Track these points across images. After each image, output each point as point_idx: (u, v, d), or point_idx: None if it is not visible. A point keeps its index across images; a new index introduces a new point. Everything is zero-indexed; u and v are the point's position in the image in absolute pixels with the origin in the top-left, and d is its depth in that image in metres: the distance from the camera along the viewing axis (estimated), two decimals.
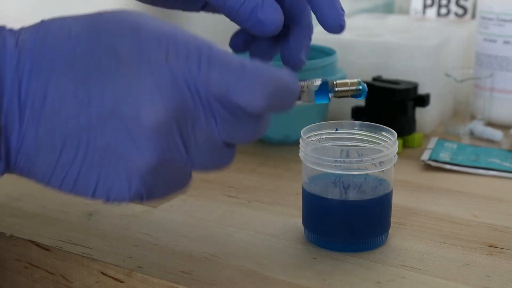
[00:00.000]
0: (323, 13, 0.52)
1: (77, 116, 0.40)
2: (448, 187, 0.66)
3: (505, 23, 0.80)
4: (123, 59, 0.40)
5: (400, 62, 0.80)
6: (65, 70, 0.39)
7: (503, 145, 0.77)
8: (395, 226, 0.56)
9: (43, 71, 0.39)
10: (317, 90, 0.48)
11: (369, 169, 0.52)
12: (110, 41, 0.40)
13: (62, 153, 0.40)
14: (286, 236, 0.56)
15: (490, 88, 0.82)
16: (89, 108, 0.40)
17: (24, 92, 0.39)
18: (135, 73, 0.40)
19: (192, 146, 0.43)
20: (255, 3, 0.48)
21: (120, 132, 0.40)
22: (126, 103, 0.40)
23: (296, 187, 0.58)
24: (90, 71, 0.40)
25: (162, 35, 0.41)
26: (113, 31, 0.41)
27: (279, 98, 0.43)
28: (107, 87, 0.40)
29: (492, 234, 0.56)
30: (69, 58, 0.40)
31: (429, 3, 0.98)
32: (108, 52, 0.40)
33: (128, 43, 0.40)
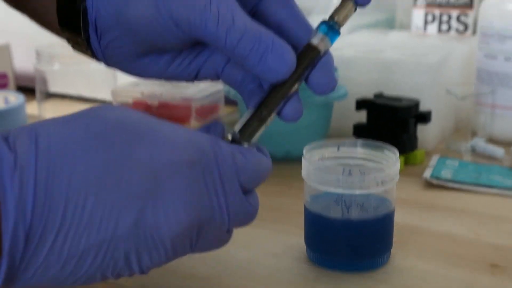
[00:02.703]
0: (315, 76, 0.48)
1: (97, 231, 0.39)
2: (450, 205, 0.66)
3: (506, 40, 0.80)
4: (144, 172, 0.40)
5: (401, 79, 0.79)
6: (80, 189, 0.38)
7: (505, 162, 0.76)
8: (397, 245, 0.56)
9: (57, 196, 0.38)
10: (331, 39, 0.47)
11: (371, 188, 0.52)
12: (129, 152, 0.40)
13: (79, 262, 0.39)
14: (288, 255, 0.56)
15: (491, 104, 0.81)
16: (110, 224, 0.39)
17: (37, 216, 0.37)
18: (159, 185, 0.40)
19: (199, 245, 0.44)
20: (265, 46, 0.45)
21: (140, 243, 0.40)
22: (149, 216, 0.40)
23: (298, 205, 0.57)
24: (112, 187, 0.39)
25: (177, 142, 0.42)
26: (128, 141, 0.40)
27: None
28: (128, 202, 0.39)
29: (495, 253, 0.56)
30: (83, 176, 0.38)
31: (430, 19, 0.98)
32: (129, 165, 0.40)
33: (147, 154, 0.40)
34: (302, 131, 0.74)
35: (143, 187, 0.40)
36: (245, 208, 0.45)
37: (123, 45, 0.49)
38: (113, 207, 0.39)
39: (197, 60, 0.51)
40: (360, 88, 0.80)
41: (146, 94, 0.82)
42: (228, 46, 0.45)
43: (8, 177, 0.36)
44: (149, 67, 0.51)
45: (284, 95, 0.46)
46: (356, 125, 0.77)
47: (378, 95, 0.76)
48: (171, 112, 0.81)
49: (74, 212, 0.38)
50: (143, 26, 0.47)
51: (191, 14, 0.45)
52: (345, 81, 0.78)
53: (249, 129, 0.45)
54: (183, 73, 0.51)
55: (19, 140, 0.38)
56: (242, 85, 0.50)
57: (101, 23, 0.48)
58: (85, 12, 0.49)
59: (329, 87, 0.48)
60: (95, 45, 0.50)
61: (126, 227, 0.39)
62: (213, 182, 0.43)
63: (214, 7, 0.45)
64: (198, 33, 0.46)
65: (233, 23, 0.45)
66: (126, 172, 0.39)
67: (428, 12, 0.98)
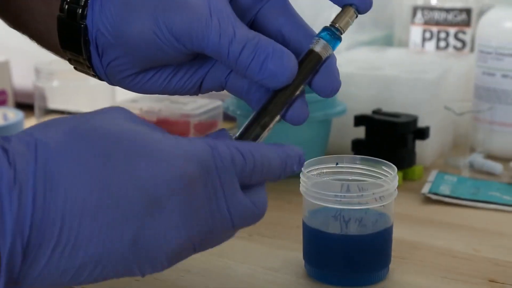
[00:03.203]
0: (318, 80, 0.48)
1: (95, 247, 0.39)
2: (449, 221, 0.66)
3: (504, 57, 0.81)
4: (143, 190, 0.40)
5: (400, 95, 0.80)
6: (79, 207, 0.38)
7: (503, 178, 0.77)
8: (396, 260, 0.56)
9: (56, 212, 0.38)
10: (333, 46, 0.48)
11: (369, 204, 0.52)
12: (128, 170, 0.40)
13: (74, 276, 0.39)
14: (286, 270, 0.56)
15: (489, 121, 0.82)
16: (108, 241, 0.39)
17: (37, 226, 0.37)
18: (158, 203, 0.40)
19: (205, 245, 0.44)
20: (265, 54, 0.45)
21: (140, 258, 0.40)
22: (147, 234, 0.40)
23: (297, 220, 0.57)
24: (110, 206, 0.39)
25: (177, 157, 0.41)
26: (127, 159, 0.40)
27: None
28: (126, 221, 0.39)
29: (493, 269, 0.56)
30: (81, 194, 0.38)
31: (428, 36, 0.98)
32: (128, 184, 0.39)
33: (146, 172, 0.40)
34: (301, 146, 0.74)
35: (142, 205, 0.39)
36: (248, 209, 0.44)
37: (125, 62, 0.49)
38: (110, 226, 0.39)
39: (199, 72, 0.51)
40: (359, 104, 0.80)
41: (145, 110, 0.82)
42: (231, 57, 0.45)
43: (7, 194, 0.36)
44: (152, 82, 0.51)
45: (286, 101, 0.46)
46: (354, 141, 0.77)
47: (377, 111, 0.77)
48: (169, 128, 0.80)
49: (71, 229, 0.38)
50: (143, 42, 0.47)
51: (193, 28, 0.45)
52: (344, 97, 0.78)
53: (251, 135, 0.46)
54: (187, 86, 0.51)
55: (19, 154, 0.38)
56: (249, 94, 0.50)
57: (101, 41, 0.49)
58: (85, 30, 0.49)
59: (333, 90, 0.48)
60: (97, 64, 0.50)
61: (125, 244, 0.39)
62: (213, 190, 0.42)
63: (215, 20, 0.45)
64: (201, 47, 0.46)
65: (235, 35, 0.45)
66: (125, 190, 0.39)
67: (426, 29, 0.99)
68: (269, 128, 0.46)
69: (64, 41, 0.50)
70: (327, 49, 0.47)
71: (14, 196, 0.36)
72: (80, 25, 0.49)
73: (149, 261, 0.40)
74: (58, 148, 0.39)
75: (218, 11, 0.46)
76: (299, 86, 0.47)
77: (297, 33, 0.49)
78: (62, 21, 0.50)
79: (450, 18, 0.97)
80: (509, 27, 0.81)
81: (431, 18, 0.98)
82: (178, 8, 0.46)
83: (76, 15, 0.49)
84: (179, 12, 0.46)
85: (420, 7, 0.99)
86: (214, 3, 0.46)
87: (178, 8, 0.46)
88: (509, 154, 0.81)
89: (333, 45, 0.48)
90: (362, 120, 0.76)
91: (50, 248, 0.38)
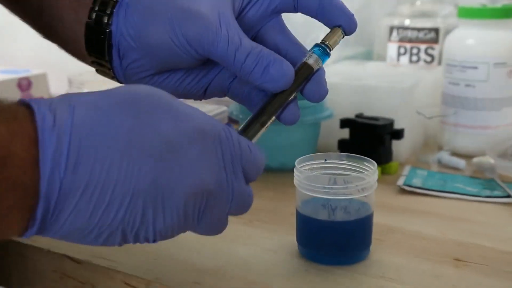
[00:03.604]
0: (308, 88, 0.48)
1: (121, 185, 0.38)
2: (420, 209, 0.66)
3: (466, 69, 0.80)
4: (164, 138, 0.39)
5: (379, 101, 0.79)
6: (109, 150, 0.38)
7: (466, 172, 0.76)
8: (375, 242, 0.56)
9: (88, 150, 0.37)
10: (322, 60, 0.48)
11: (353, 194, 0.52)
12: (152, 122, 0.39)
13: (104, 214, 0.38)
14: (282, 251, 0.55)
15: (454, 123, 0.81)
16: (132, 179, 0.38)
17: (71, 166, 0.36)
18: (177, 151, 0.39)
19: (204, 218, 0.42)
20: (267, 61, 0.45)
21: (156, 201, 0.39)
22: (165, 177, 0.39)
23: (291, 208, 0.57)
24: (135, 149, 0.38)
25: (194, 117, 0.41)
26: (152, 112, 0.39)
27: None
28: (148, 162, 0.38)
29: (458, 249, 0.56)
30: (111, 136, 0.38)
31: (402, 51, 0.98)
32: (151, 132, 0.39)
33: (168, 124, 0.39)
34: (294, 146, 0.74)
35: (162, 150, 0.39)
36: (246, 195, 0.44)
37: (142, 64, 0.49)
38: (134, 165, 0.38)
39: (207, 77, 0.51)
40: (344, 110, 0.80)
41: None
42: (237, 63, 0.45)
43: (47, 132, 0.36)
44: (164, 84, 0.50)
45: (282, 103, 0.46)
46: (340, 141, 0.77)
47: (359, 116, 0.76)
48: None
49: (102, 166, 0.37)
50: (161, 46, 0.47)
51: (205, 36, 0.45)
52: (331, 103, 0.78)
53: (251, 131, 0.46)
54: (194, 90, 0.51)
55: (59, 105, 0.38)
56: (249, 99, 0.50)
57: (123, 45, 0.48)
58: (110, 35, 0.48)
59: (321, 96, 0.48)
60: (117, 66, 0.50)
61: (145, 183, 0.38)
62: (223, 158, 0.42)
63: (224, 29, 0.45)
64: (210, 53, 0.46)
65: (241, 43, 0.45)
66: (149, 137, 0.38)
67: (400, 45, 0.98)
68: (267, 126, 0.46)
69: (90, 45, 0.50)
70: (318, 62, 0.48)
71: (54, 135, 0.36)
72: (106, 30, 0.48)
73: (165, 203, 0.39)
74: (93, 102, 0.39)
75: (227, 23, 0.45)
76: (294, 91, 0.47)
77: (292, 49, 0.49)
78: (89, 27, 0.49)
79: (421, 36, 0.97)
80: (471, 44, 0.81)
81: (405, 36, 0.98)
82: (193, 18, 0.45)
83: (102, 22, 0.49)
84: (193, 21, 0.45)
85: (396, 27, 0.99)
86: (223, 15, 0.46)
87: (192, 18, 0.45)
88: (471, 152, 0.81)
89: (322, 59, 0.48)
90: (347, 123, 0.76)
91: (84, 183, 0.37)
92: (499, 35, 0.80)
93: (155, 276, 0.51)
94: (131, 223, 0.39)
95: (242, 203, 0.44)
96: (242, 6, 0.48)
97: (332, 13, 0.48)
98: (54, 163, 0.36)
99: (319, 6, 0.47)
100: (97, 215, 0.38)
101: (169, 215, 0.40)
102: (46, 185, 0.36)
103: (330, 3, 0.47)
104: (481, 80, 0.80)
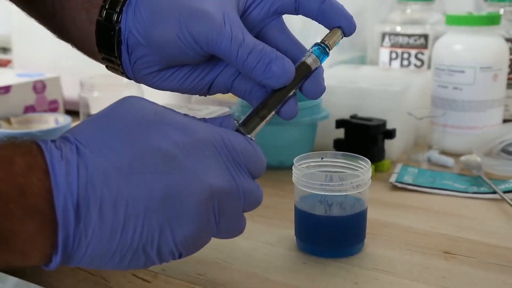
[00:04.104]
0: (307, 86, 0.47)
1: (132, 205, 0.37)
2: (411, 204, 0.65)
3: (454, 73, 0.80)
4: (165, 153, 0.39)
5: (372, 103, 0.79)
6: (117, 170, 0.37)
7: (454, 170, 0.76)
8: (369, 236, 0.55)
9: (97, 176, 0.37)
10: (321, 59, 0.47)
11: (348, 191, 0.51)
12: (150, 141, 0.39)
13: (121, 237, 0.38)
14: (281, 245, 0.55)
15: (443, 124, 0.81)
16: (142, 199, 0.38)
17: (82, 192, 0.36)
18: (180, 162, 0.39)
19: (222, 220, 0.42)
20: (269, 58, 0.45)
21: (170, 214, 0.39)
22: (174, 189, 0.39)
23: (290, 204, 0.57)
24: (139, 170, 0.38)
25: (191, 127, 0.41)
26: (148, 132, 0.39)
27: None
28: (154, 180, 0.38)
29: (447, 243, 0.55)
30: (114, 162, 0.38)
31: (394, 56, 0.97)
32: (151, 151, 0.39)
33: (167, 139, 0.39)
34: (292, 145, 0.73)
35: (166, 166, 0.38)
36: (255, 190, 0.43)
37: (150, 60, 0.48)
38: (141, 186, 0.38)
39: (210, 74, 0.50)
40: (339, 111, 0.79)
41: None
42: (239, 59, 0.44)
43: (57, 163, 0.36)
44: (171, 79, 0.50)
45: (282, 99, 0.46)
46: (336, 140, 0.76)
47: (354, 116, 0.76)
48: None
49: (110, 189, 0.37)
50: (168, 43, 0.46)
51: (209, 33, 0.44)
52: (327, 105, 0.78)
53: (252, 124, 0.45)
54: (199, 85, 0.50)
55: (63, 142, 0.38)
56: (251, 94, 0.49)
57: (132, 41, 0.48)
58: (119, 32, 0.48)
59: (318, 93, 0.48)
60: (126, 61, 0.49)
61: (157, 199, 0.38)
62: (225, 161, 0.41)
63: (227, 27, 0.44)
64: (215, 49, 0.45)
65: (243, 40, 0.44)
66: (149, 156, 0.38)
67: (392, 51, 0.98)
68: (267, 120, 0.46)
69: (101, 41, 0.49)
70: (317, 62, 0.47)
71: (62, 166, 0.36)
72: (115, 27, 0.48)
73: (179, 214, 0.39)
74: (93, 131, 0.39)
75: (231, 21, 0.45)
76: (294, 87, 0.46)
77: (292, 48, 0.49)
78: (100, 24, 0.49)
79: (411, 42, 0.96)
80: (458, 49, 0.80)
81: (396, 42, 0.97)
82: (199, 16, 0.45)
83: (112, 19, 0.48)
84: (199, 20, 0.45)
85: (388, 33, 0.98)
86: (228, 14, 0.45)
87: (198, 17, 0.45)
88: (459, 151, 0.80)
89: (321, 58, 0.47)
90: (342, 124, 0.75)
91: (97, 205, 0.36)
92: (485, 41, 0.80)
93: (161, 268, 0.50)
94: (150, 239, 0.38)
95: (253, 199, 0.43)
96: (245, 6, 0.48)
97: (332, 15, 0.47)
98: (66, 192, 0.36)
99: (319, 8, 0.47)
100: (115, 238, 0.37)
101: (186, 225, 0.39)
102: (62, 212, 0.36)
103: (330, 5, 0.47)
104: (468, 83, 0.79)
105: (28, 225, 0.35)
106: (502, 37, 0.83)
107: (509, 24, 0.88)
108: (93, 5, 0.50)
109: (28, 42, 1.11)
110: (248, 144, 0.43)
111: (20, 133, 0.86)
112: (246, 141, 0.43)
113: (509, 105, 0.88)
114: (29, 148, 0.37)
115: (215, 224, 0.41)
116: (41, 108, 0.99)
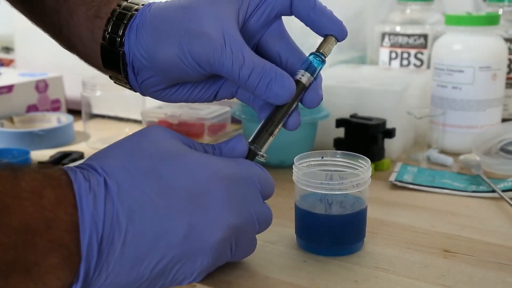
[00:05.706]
0: (305, 96, 0.49)
1: (155, 242, 0.38)
2: (411, 203, 0.65)
3: (453, 73, 0.80)
4: (188, 193, 0.40)
5: (372, 103, 0.79)
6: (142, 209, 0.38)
7: (454, 169, 0.76)
8: (369, 235, 0.55)
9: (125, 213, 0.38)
10: (319, 67, 0.49)
11: (348, 190, 0.51)
12: (173, 181, 0.40)
13: (140, 269, 0.39)
14: (281, 243, 0.55)
15: (442, 123, 0.81)
16: (165, 238, 0.39)
17: (107, 229, 0.37)
18: (202, 201, 0.40)
19: (238, 250, 0.44)
20: (269, 78, 0.45)
21: (190, 250, 0.40)
22: (196, 228, 0.40)
23: (290, 203, 0.57)
24: (163, 208, 0.39)
25: (211, 164, 0.42)
26: (172, 171, 0.40)
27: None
28: (178, 218, 0.39)
29: (446, 241, 0.55)
30: (140, 201, 0.38)
31: (394, 56, 0.97)
32: (175, 190, 0.40)
33: (189, 179, 0.40)
34: (293, 144, 0.73)
35: (189, 204, 0.39)
36: (268, 213, 0.45)
37: (156, 80, 0.49)
38: (165, 222, 0.38)
39: (214, 86, 0.51)
40: (339, 110, 0.79)
41: (168, 114, 0.81)
42: (241, 79, 0.45)
43: (84, 198, 0.37)
44: (177, 94, 0.51)
45: (286, 113, 0.48)
46: (336, 139, 0.76)
47: (353, 116, 0.76)
48: (188, 129, 0.80)
49: (134, 225, 0.38)
50: (171, 65, 0.47)
51: (211, 56, 0.45)
52: (327, 104, 0.78)
53: (262, 140, 0.47)
54: (204, 96, 0.51)
55: (91, 172, 0.38)
56: (254, 101, 0.51)
57: (137, 64, 0.48)
58: (123, 55, 0.48)
59: (315, 104, 0.49)
60: (133, 81, 0.50)
61: (179, 236, 0.39)
62: (247, 194, 0.43)
63: (228, 48, 0.45)
64: (218, 70, 0.46)
65: (244, 60, 0.45)
66: (173, 194, 0.39)
67: (392, 51, 0.98)
68: (274, 134, 0.48)
69: (106, 63, 0.50)
70: (310, 79, 0.48)
71: (90, 199, 0.36)
72: (119, 51, 0.48)
73: (198, 252, 0.40)
74: (120, 167, 0.39)
75: (231, 40, 0.45)
76: (296, 101, 0.48)
77: (292, 56, 0.49)
78: (104, 48, 0.49)
79: (411, 42, 0.96)
80: (457, 49, 0.80)
81: (396, 42, 0.97)
82: (198, 38, 0.45)
83: (115, 43, 0.48)
84: (199, 42, 0.45)
85: (387, 33, 0.98)
86: (228, 32, 0.45)
87: (198, 38, 0.45)
88: (458, 150, 0.80)
89: (319, 67, 0.49)
90: (342, 123, 0.75)
91: (121, 241, 0.37)
92: (484, 41, 0.80)
93: None
94: (168, 271, 0.40)
95: (266, 222, 0.45)
96: (245, 17, 0.48)
97: (322, 23, 0.48)
98: (92, 227, 0.36)
99: (309, 16, 0.47)
100: (135, 270, 0.38)
101: (206, 261, 0.41)
102: (86, 247, 0.36)
103: (321, 14, 0.47)
104: (467, 83, 0.79)
105: (52, 258, 0.35)
106: (501, 37, 0.83)
107: (508, 24, 0.88)
108: (96, 26, 0.50)
109: (30, 41, 1.11)
110: (262, 172, 0.45)
111: (23, 132, 0.86)
112: (260, 169, 0.45)
113: (508, 104, 0.88)
114: (58, 179, 0.37)
115: (230, 253, 0.43)
116: (43, 107, 0.99)
